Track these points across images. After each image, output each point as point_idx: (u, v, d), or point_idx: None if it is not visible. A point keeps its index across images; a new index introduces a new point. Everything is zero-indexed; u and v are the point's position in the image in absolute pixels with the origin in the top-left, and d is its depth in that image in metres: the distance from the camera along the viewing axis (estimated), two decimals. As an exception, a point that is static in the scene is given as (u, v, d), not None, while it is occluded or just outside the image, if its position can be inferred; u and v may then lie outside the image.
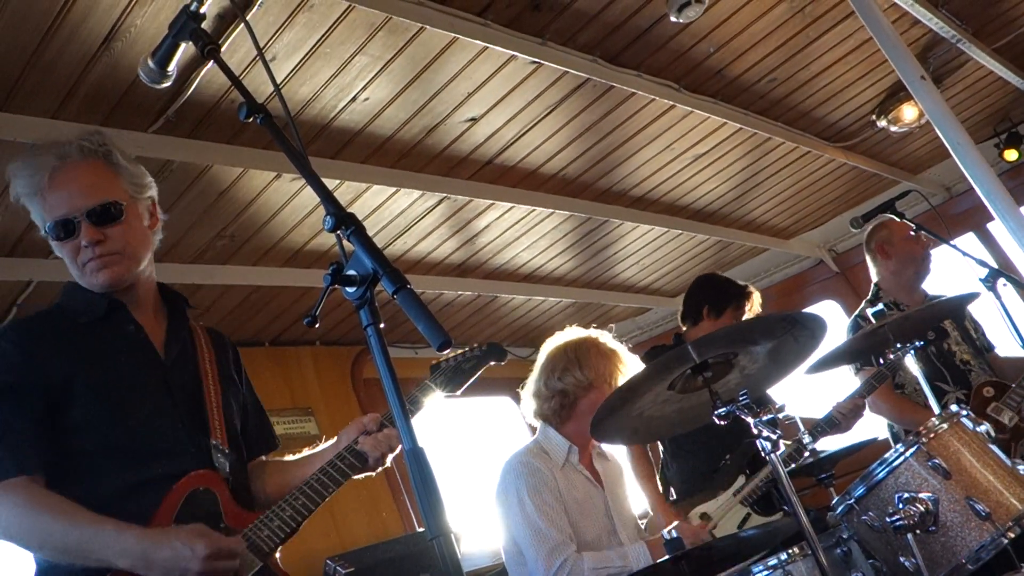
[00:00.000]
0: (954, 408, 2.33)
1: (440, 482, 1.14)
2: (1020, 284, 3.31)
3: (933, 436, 2.20)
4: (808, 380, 3.46)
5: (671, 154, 4.44)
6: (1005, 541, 2.04)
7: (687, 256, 5.89)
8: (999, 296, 3.18)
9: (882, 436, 3.89)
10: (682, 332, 3.89)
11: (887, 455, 2.22)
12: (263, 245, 3.95)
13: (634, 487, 3.42)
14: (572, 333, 3.07)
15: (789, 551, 2.22)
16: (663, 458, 3.88)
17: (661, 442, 3.94)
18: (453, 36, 2.98)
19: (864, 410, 3.48)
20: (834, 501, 2.33)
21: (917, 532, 2.08)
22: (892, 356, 2.86)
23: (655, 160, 4.45)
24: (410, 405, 2.11)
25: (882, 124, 4.80)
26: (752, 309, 3.78)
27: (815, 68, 4.13)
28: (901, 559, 2.13)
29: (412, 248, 4.45)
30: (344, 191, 3.69)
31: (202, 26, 1.61)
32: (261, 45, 2.76)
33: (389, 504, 4.87)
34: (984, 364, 3.70)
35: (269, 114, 1.46)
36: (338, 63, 2.98)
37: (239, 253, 3.95)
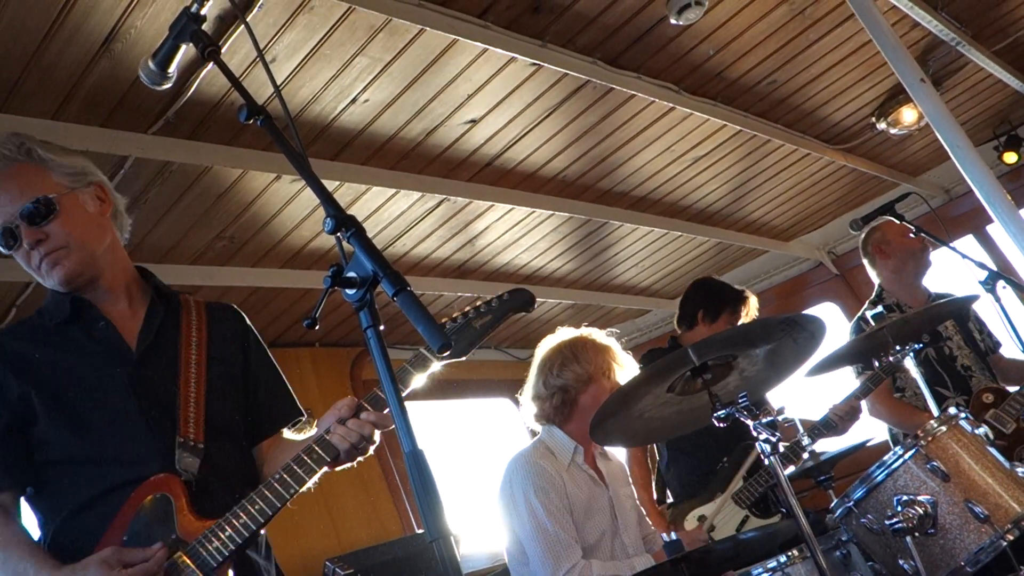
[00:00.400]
0: (953, 411, 2.33)
1: (439, 484, 1.14)
2: (1020, 287, 3.30)
3: (932, 439, 2.21)
4: (809, 382, 3.45)
5: (671, 156, 4.44)
6: (1004, 543, 2.04)
7: (687, 258, 5.90)
8: (998, 299, 3.17)
9: (880, 438, 3.89)
10: (677, 336, 3.89)
11: (886, 457, 2.23)
12: (263, 246, 3.95)
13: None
14: (564, 333, 3.08)
15: (788, 554, 2.23)
16: (660, 460, 3.88)
17: (658, 445, 3.94)
18: (453, 38, 2.98)
19: (860, 413, 3.48)
20: (833, 503, 2.33)
21: (916, 534, 2.09)
22: (891, 359, 2.86)
23: (655, 162, 4.46)
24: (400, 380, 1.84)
25: (882, 126, 4.80)
26: (748, 314, 3.77)
27: (815, 70, 4.14)
28: (900, 562, 2.13)
29: (412, 250, 4.46)
30: (344, 193, 3.69)
31: (202, 27, 1.60)
32: (261, 46, 2.76)
33: (388, 506, 4.86)
34: (986, 369, 3.69)
35: (269, 115, 1.46)
36: (338, 64, 2.98)
37: (239, 254, 3.95)
